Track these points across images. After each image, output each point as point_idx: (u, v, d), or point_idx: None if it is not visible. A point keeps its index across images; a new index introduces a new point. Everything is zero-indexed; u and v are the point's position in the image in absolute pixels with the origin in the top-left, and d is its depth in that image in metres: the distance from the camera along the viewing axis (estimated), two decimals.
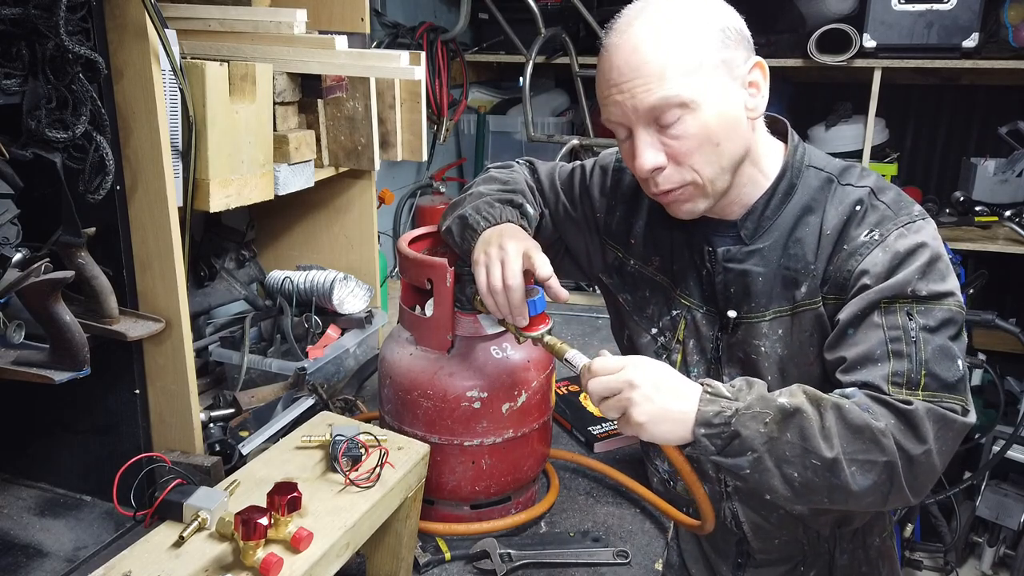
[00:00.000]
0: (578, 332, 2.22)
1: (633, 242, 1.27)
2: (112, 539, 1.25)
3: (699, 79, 1.01)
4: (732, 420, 0.97)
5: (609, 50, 1.05)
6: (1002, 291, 3.14)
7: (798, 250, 1.11)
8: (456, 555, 1.22)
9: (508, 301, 1.08)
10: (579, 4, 2.69)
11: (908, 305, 1.02)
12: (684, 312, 1.21)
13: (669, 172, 1.06)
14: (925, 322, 1.02)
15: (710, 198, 1.09)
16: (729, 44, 1.03)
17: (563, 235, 1.35)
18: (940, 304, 1.03)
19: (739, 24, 1.06)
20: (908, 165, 3.25)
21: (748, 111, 1.07)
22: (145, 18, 1.12)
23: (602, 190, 1.30)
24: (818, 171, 1.13)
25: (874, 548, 1.32)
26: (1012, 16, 2.56)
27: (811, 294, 1.10)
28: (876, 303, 1.03)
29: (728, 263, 1.14)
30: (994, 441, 2.72)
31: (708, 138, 1.03)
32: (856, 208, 1.09)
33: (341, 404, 1.63)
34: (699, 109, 1.02)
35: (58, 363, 1.11)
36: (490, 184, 1.29)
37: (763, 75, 1.07)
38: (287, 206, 1.92)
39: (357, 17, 1.82)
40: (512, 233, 1.15)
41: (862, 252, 1.06)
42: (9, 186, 1.07)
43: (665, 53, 1.00)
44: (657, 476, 1.34)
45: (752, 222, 1.13)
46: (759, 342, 1.14)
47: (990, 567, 2.86)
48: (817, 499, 1.00)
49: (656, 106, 1.01)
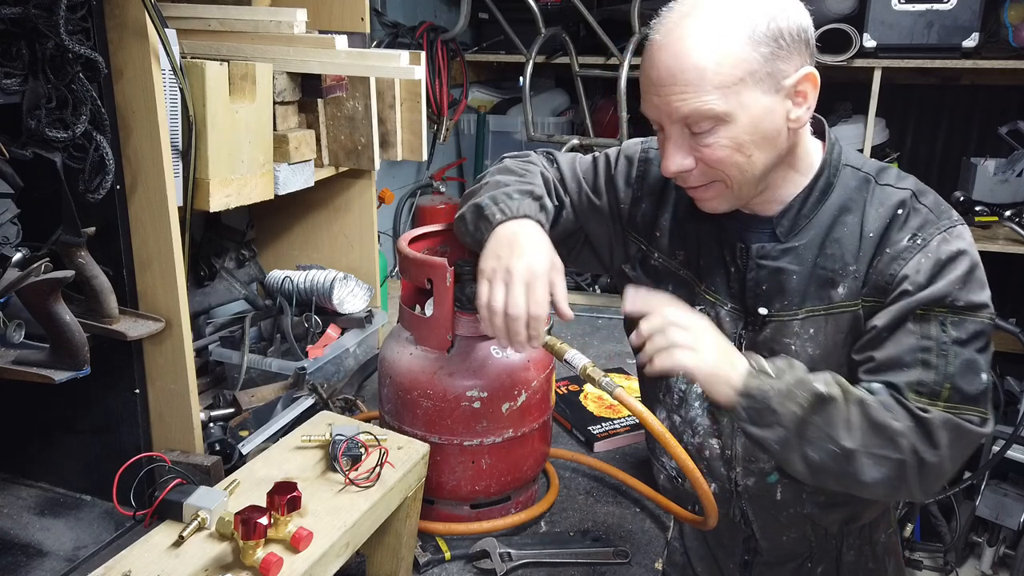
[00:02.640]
0: (578, 332, 2.22)
1: (658, 235, 1.25)
2: (112, 539, 1.25)
3: (738, 93, 0.99)
4: (771, 398, 1.01)
5: (653, 46, 1.03)
6: (1002, 291, 3.14)
7: (836, 250, 1.10)
8: (456, 555, 1.22)
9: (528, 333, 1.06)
10: (579, 4, 2.69)
11: (944, 314, 1.03)
12: (708, 308, 1.20)
13: (696, 173, 1.06)
14: (957, 334, 1.03)
15: (737, 199, 1.09)
16: (780, 54, 0.99)
17: (585, 226, 1.31)
18: (975, 316, 1.04)
19: (799, 27, 1.01)
20: (908, 165, 3.26)
21: (790, 121, 1.04)
22: (145, 18, 1.12)
23: (627, 180, 1.28)
24: (855, 170, 1.13)
25: (880, 544, 1.32)
26: (1012, 16, 2.56)
27: (851, 296, 1.10)
28: (913, 309, 1.04)
29: (762, 260, 1.13)
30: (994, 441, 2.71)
31: (739, 149, 1.02)
32: (899, 211, 1.08)
33: (341, 404, 1.63)
34: (734, 122, 1.00)
35: (58, 363, 1.11)
36: (507, 175, 1.24)
37: (813, 85, 1.03)
38: (287, 206, 1.92)
39: (357, 17, 1.82)
40: (532, 243, 1.10)
41: (905, 256, 1.06)
42: (9, 186, 1.07)
43: (706, 64, 0.97)
44: (664, 473, 1.34)
45: (789, 220, 1.12)
46: (789, 340, 1.14)
47: (990, 567, 2.86)
48: (828, 481, 1.05)
49: (688, 115, 1.00)
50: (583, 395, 1.74)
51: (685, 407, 1.24)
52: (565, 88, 3.32)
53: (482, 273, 1.09)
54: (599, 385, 1.06)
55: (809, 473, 1.04)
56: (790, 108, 1.04)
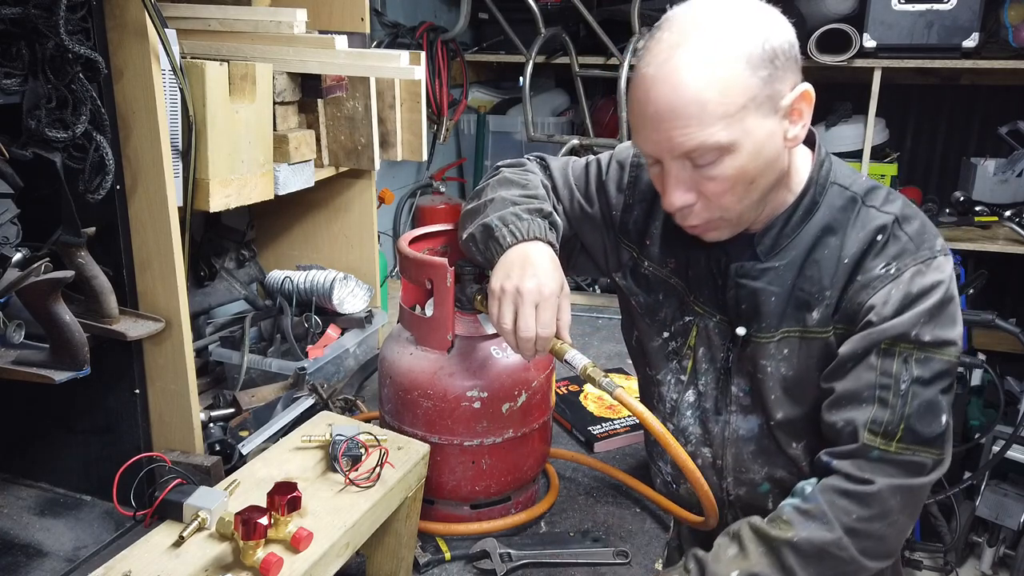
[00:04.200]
0: (578, 332, 2.21)
1: (648, 243, 1.23)
2: (112, 539, 1.25)
3: (741, 121, 0.95)
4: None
5: (646, 81, 0.97)
6: (1002, 291, 3.14)
7: (814, 272, 1.08)
8: (456, 555, 1.22)
9: (536, 347, 1.07)
10: (579, 4, 2.69)
11: (908, 350, 1.01)
12: (697, 319, 1.19)
13: (698, 209, 1.03)
14: (920, 373, 1.01)
15: (737, 227, 1.07)
16: (777, 75, 0.96)
17: (579, 233, 1.30)
18: (940, 353, 1.01)
19: (788, 43, 0.98)
20: (908, 165, 3.25)
21: (787, 141, 1.01)
22: (145, 18, 1.12)
23: (619, 186, 1.26)
24: (843, 189, 1.09)
25: None
26: (1012, 16, 2.56)
27: (823, 322, 1.08)
28: (877, 343, 1.02)
29: (740, 279, 1.11)
30: (994, 441, 2.71)
31: (743, 178, 0.99)
32: (878, 237, 1.05)
33: (341, 404, 1.63)
34: (738, 151, 0.97)
35: (58, 363, 1.11)
36: (508, 188, 1.21)
37: (808, 103, 1.01)
38: (287, 206, 1.92)
39: (357, 17, 1.82)
40: (543, 265, 1.08)
41: (875, 285, 1.03)
42: (9, 186, 1.07)
43: (706, 95, 0.93)
44: (660, 477, 1.34)
45: (770, 239, 1.09)
46: (765, 362, 1.12)
47: (990, 567, 2.86)
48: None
49: (693, 150, 0.97)
50: (583, 395, 1.74)
51: (677, 415, 1.24)
52: (565, 88, 3.33)
53: (492, 293, 1.09)
54: (599, 385, 1.06)
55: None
56: (787, 128, 1.01)
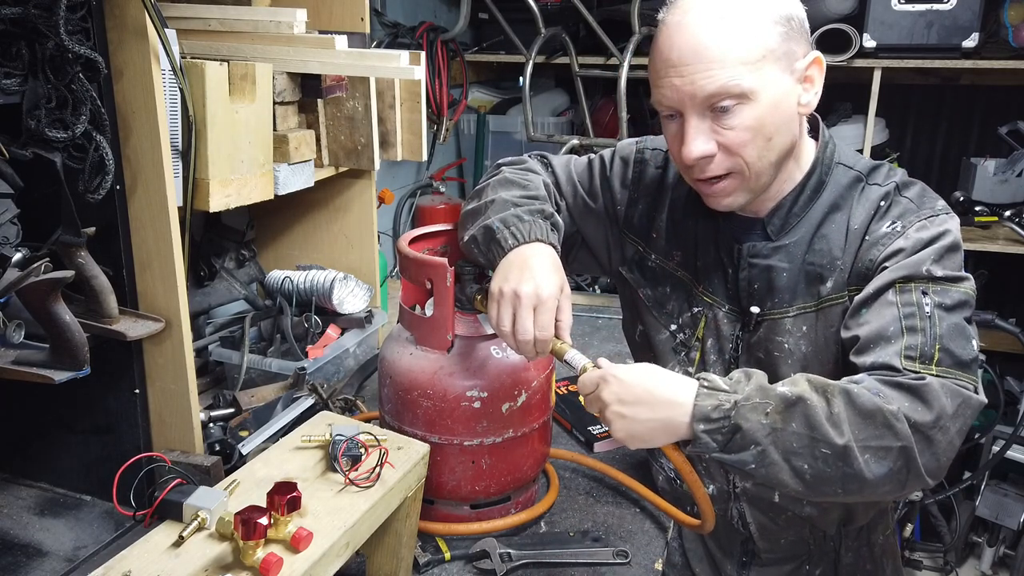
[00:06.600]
0: (578, 332, 2.21)
1: (655, 236, 1.25)
2: (112, 539, 1.25)
3: (760, 69, 0.99)
4: (731, 413, 0.93)
5: (669, 28, 1.02)
6: (1002, 291, 3.14)
7: (823, 246, 1.11)
8: (456, 555, 1.22)
9: (535, 349, 1.08)
10: (579, 4, 2.69)
11: (924, 284, 1.02)
12: (705, 309, 1.20)
13: (718, 159, 1.05)
14: (941, 300, 1.01)
15: (752, 192, 1.09)
16: (792, 36, 1.02)
17: (582, 229, 1.32)
18: (956, 286, 1.02)
19: (802, 15, 1.05)
20: (908, 165, 3.26)
21: (800, 106, 1.06)
22: (145, 18, 1.12)
23: (623, 182, 1.28)
24: (847, 169, 1.13)
25: (878, 545, 1.32)
26: (1012, 16, 2.56)
27: (837, 288, 1.10)
28: (892, 283, 1.03)
29: (753, 259, 1.14)
30: (994, 441, 2.72)
31: (761, 130, 1.02)
32: (881, 203, 1.09)
33: (341, 404, 1.63)
34: (757, 100, 1.00)
35: (58, 363, 1.11)
36: (509, 189, 1.21)
37: (820, 70, 1.06)
38: (287, 206, 1.92)
39: (357, 17, 1.82)
40: (543, 268, 1.08)
41: (884, 243, 1.07)
42: (9, 186, 1.07)
43: (729, 39, 0.98)
44: (663, 474, 1.34)
45: (779, 218, 1.13)
46: (782, 339, 1.13)
47: (990, 567, 2.86)
48: (830, 491, 0.95)
49: (715, 94, 1.00)
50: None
51: None
52: (565, 88, 3.32)
53: (492, 296, 1.10)
54: None
55: (805, 487, 0.94)
56: (800, 93, 1.05)
